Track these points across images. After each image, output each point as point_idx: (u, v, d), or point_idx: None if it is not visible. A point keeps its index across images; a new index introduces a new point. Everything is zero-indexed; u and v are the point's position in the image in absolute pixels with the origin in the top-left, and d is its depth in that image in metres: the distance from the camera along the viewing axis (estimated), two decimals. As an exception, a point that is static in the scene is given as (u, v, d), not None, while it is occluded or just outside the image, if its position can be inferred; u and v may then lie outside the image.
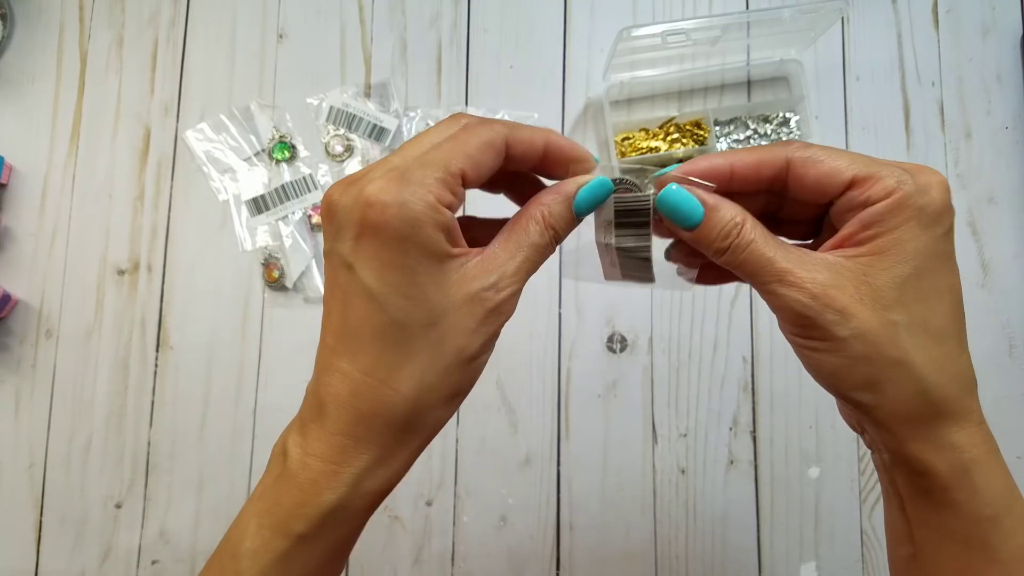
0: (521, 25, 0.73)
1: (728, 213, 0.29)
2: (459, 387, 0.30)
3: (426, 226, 0.27)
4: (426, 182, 0.27)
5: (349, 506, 0.29)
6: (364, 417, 0.29)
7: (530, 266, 0.30)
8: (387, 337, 0.28)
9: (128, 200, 0.71)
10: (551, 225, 0.30)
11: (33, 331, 0.69)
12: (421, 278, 0.28)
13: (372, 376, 0.28)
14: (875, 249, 0.28)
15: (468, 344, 0.29)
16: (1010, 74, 0.71)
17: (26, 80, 0.73)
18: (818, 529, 0.65)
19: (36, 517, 0.67)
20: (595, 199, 0.31)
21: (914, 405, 0.28)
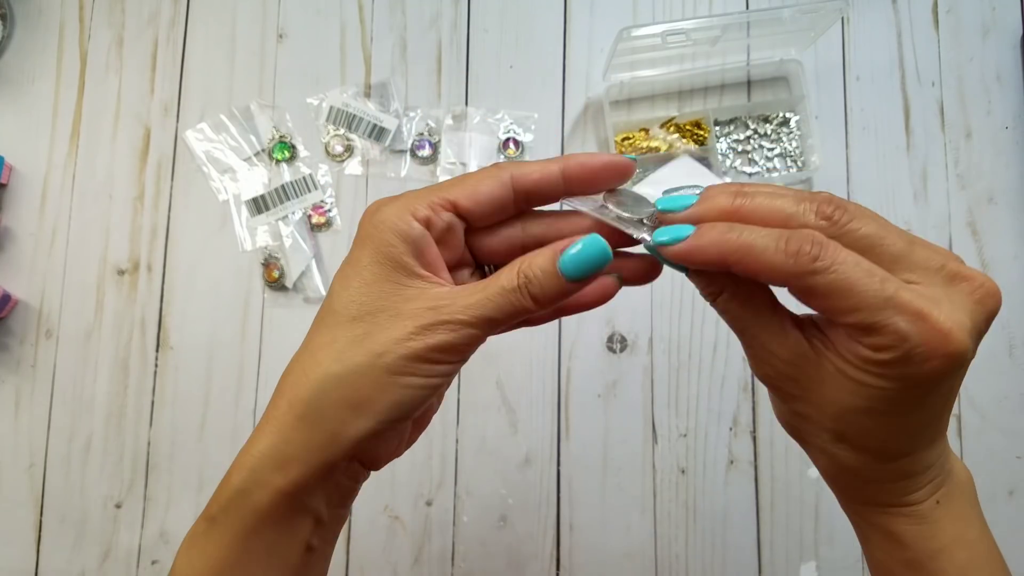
0: (521, 25, 0.73)
1: (706, 281, 0.29)
2: (366, 397, 0.28)
3: (388, 231, 0.28)
4: (409, 200, 0.29)
5: (249, 491, 0.29)
6: (278, 397, 0.29)
7: (492, 309, 0.28)
8: (321, 322, 0.29)
9: (128, 200, 0.71)
10: (523, 272, 0.28)
11: (33, 331, 0.69)
12: (365, 274, 0.28)
13: (298, 360, 0.29)
14: (851, 375, 0.26)
15: (387, 351, 0.27)
16: (1010, 74, 0.71)
17: (26, 80, 0.73)
18: (818, 529, 0.65)
19: (36, 517, 0.67)
20: (587, 263, 0.28)
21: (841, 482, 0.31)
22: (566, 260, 0.28)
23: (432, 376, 0.28)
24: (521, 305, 0.28)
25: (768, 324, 0.28)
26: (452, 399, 0.67)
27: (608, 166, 0.30)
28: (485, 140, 0.71)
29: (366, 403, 0.28)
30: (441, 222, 0.29)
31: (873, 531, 0.31)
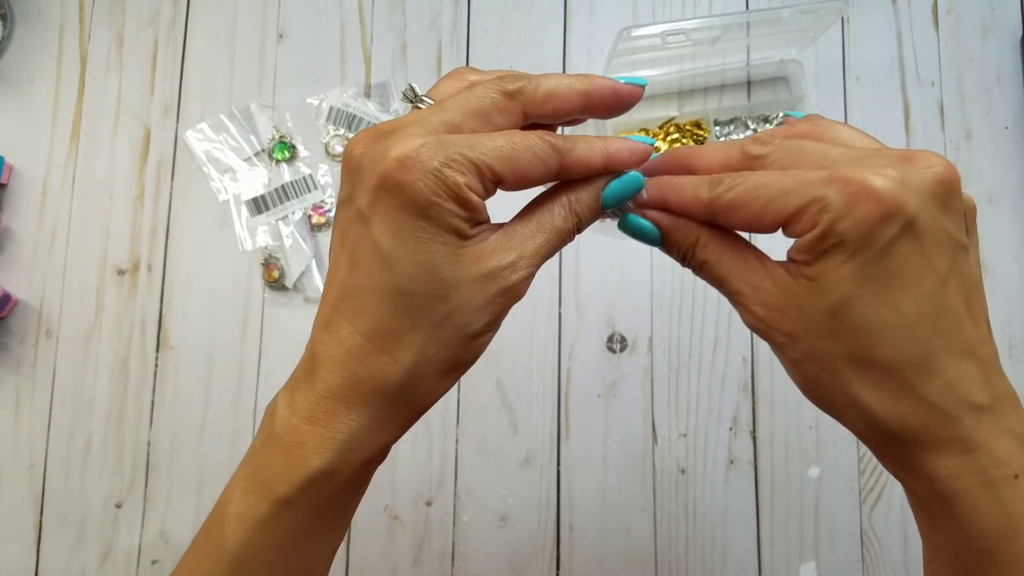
0: (521, 25, 0.73)
1: (681, 234, 0.30)
2: (458, 361, 0.29)
3: (450, 203, 0.26)
4: (464, 162, 0.26)
5: (336, 472, 0.28)
6: (357, 382, 0.28)
7: (549, 249, 0.29)
8: (392, 303, 0.27)
9: (128, 200, 0.71)
10: (576, 212, 0.30)
11: (33, 331, 0.69)
12: (435, 250, 0.26)
13: (371, 341, 0.27)
14: (808, 275, 0.26)
15: (474, 321, 0.28)
16: (1010, 74, 0.71)
17: (26, 80, 0.73)
18: (818, 529, 0.65)
19: (36, 517, 0.67)
20: (625, 194, 0.30)
21: (871, 434, 0.27)
22: (608, 194, 0.30)
23: (501, 321, 0.30)
24: (569, 239, 0.30)
25: (747, 261, 0.29)
26: (452, 399, 0.67)
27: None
28: (485, 140, 0.71)
29: (454, 368, 0.29)
30: (488, 195, 0.28)
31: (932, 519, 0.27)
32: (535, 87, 0.29)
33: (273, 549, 0.29)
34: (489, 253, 0.28)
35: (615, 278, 0.69)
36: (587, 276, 0.69)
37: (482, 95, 0.28)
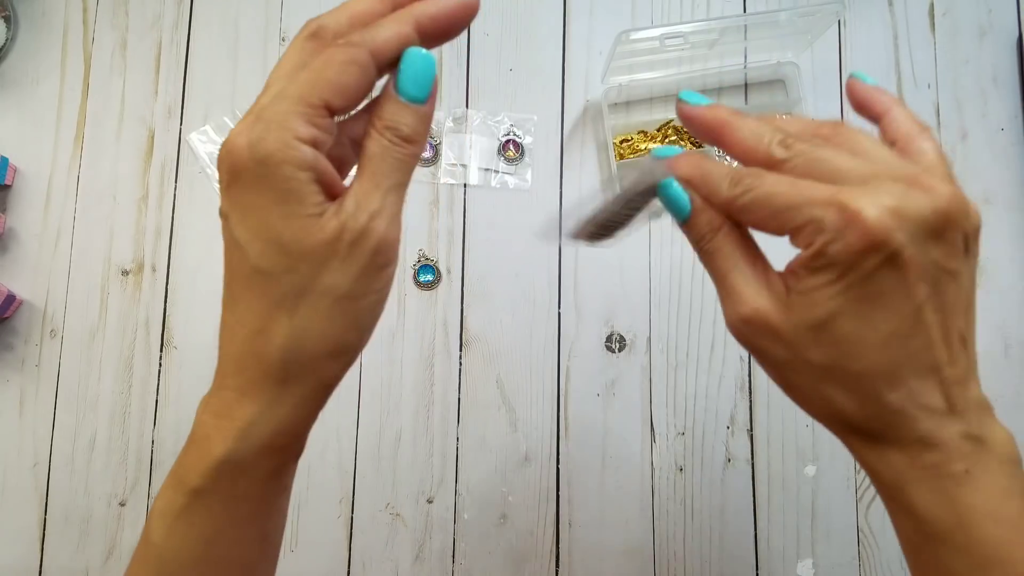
0: (521, 28, 0.73)
1: (706, 218, 0.30)
2: (341, 337, 0.28)
3: (282, 165, 0.26)
4: (282, 119, 0.26)
5: (241, 460, 0.29)
6: (244, 368, 0.28)
7: (388, 183, 0.28)
8: (253, 285, 0.28)
9: (132, 201, 0.71)
10: (386, 127, 0.28)
11: (38, 331, 0.69)
12: (277, 221, 0.26)
13: (245, 326, 0.28)
14: (800, 289, 0.28)
15: (337, 283, 0.27)
16: (1006, 76, 0.72)
17: (30, 82, 0.73)
18: (815, 526, 0.66)
19: (40, 515, 0.67)
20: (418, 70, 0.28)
21: (840, 429, 0.29)
22: (402, 85, 0.28)
23: (376, 282, 0.29)
24: (407, 153, 0.28)
25: (754, 264, 0.30)
26: (452, 398, 0.68)
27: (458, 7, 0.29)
28: (485, 142, 0.71)
29: (342, 346, 0.29)
30: (325, 136, 0.27)
31: (892, 504, 0.30)
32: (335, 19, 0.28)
33: (194, 541, 0.29)
34: (332, 213, 0.27)
35: (614, 278, 0.69)
36: (586, 276, 0.69)
37: (288, 54, 0.28)
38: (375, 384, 0.68)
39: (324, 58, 0.27)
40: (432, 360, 0.68)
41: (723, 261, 0.30)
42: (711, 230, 0.30)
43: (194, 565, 0.30)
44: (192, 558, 0.30)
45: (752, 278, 0.29)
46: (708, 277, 0.31)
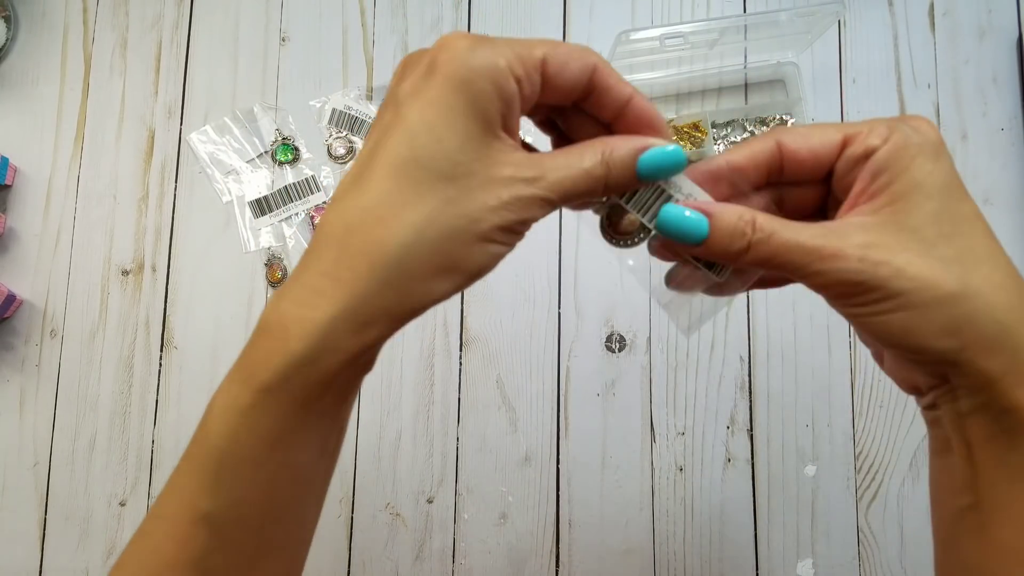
0: (521, 28, 0.73)
1: (734, 213, 0.28)
2: (456, 262, 0.26)
3: (487, 81, 0.26)
4: (503, 48, 0.26)
5: (318, 360, 0.26)
6: (349, 256, 0.26)
7: (571, 187, 0.27)
8: (402, 173, 0.26)
9: (132, 201, 0.71)
10: (608, 162, 0.28)
11: (38, 331, 0.69)
12: (459, 128, 0.26)
13: (372, 212, 0.26)
14: (896, 194, 0.27)
15: (482, 218, 0.26)
16: (1006, 76, 0.72)
17: (30, 82, 0.73)
18: (814, 526, 0.66)
19: (41, 515, 0.67)
20: (663, 166, 0.28)
21: (995, 335, 0.26)
22: (646, 157, 0.28)
23: (511, 244, 0.28)
24: (595, 189, 0.28)
25: (811, 225, 0.28)
26: (452, 398, 0.68)
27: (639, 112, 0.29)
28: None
29: (454, 267, 0.27)
30: (531, 86, 0.27)
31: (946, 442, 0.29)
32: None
33: (257, 442, 0.27)
34: (511, 161, 0.27)
35: (614, 278, 0.69)
36: (586, 276, 0.69)
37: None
38: (375, 384, 0.68)
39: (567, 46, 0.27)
40: (432, 360, 0.68)
41: (784, 237, 0.27)
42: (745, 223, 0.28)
43: (253, 469, 0.27)
44: (252, 460, 0.27)
45: (827, 229, 0.27)
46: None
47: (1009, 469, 0.28)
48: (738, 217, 0.28)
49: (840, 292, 0.27)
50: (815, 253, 0.27)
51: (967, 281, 0.26)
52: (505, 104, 0.26)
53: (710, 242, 0.28)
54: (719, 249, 0.28)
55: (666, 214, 0.28)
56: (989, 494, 0.28)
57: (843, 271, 0.26)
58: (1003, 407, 0.27)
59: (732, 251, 0.28)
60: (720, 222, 0.28)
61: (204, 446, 0.28)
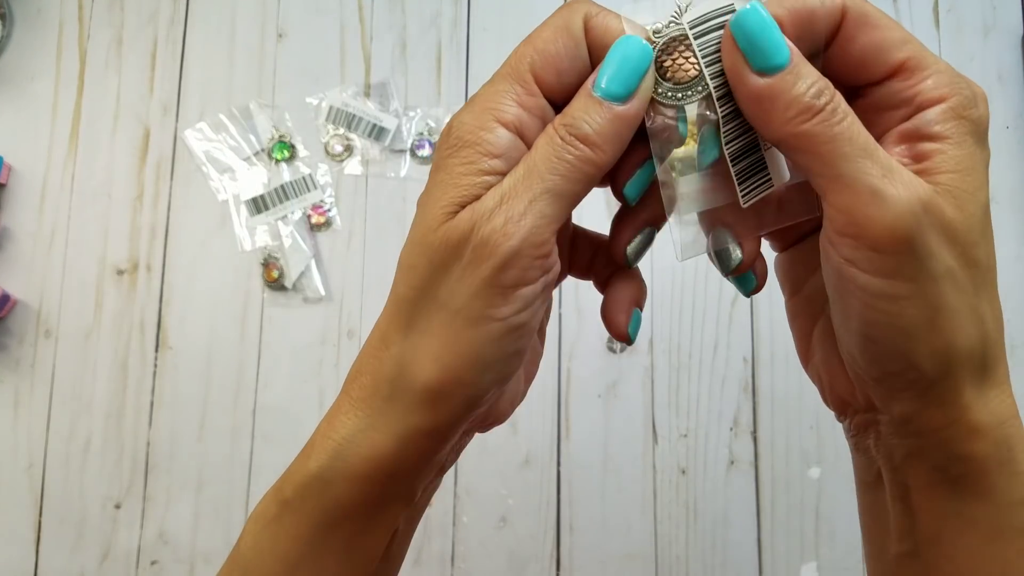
0: (521, 24, 0.73)
1: (812, 67, 0.22)
2: (450, 367, 0.24)
3: (467, 147, 0.23)
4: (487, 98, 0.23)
5: (329, 477, 0.25)
6: (361, 372, 0.26)
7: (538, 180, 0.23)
8: (397, 280, 0.26)
9: (127, 200, 0.71)
10: (562, 123, 0.23)
11: (32, 331, 0.69)
12: (430, 206, 0.24)
13: (378, 326, 0.26)
14: (953, 167, 0.22)
15: (452, 295, 0.23)
16: (1011, 73, 0.71)
17: (25, 79, 0.73)
18: (819, 529, 0.65)
19: (35, 517, 0.67)
20: (622, 68, 0.23)
21: (978, 365, 0.23)
22: (600, 74, 0.23)
23: (513, 306, 0.23)
24: (578, 155, 0.23)
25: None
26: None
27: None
28: (485, 140, 0.71)
29: (449, 379, 0.24)
30: (532, 120, 0.24)
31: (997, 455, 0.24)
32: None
33: (276, 558, 0.26)
34: (470, 208, 0.24)
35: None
36: (587, 276, 0.69)
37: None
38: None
39: (541, 25, 0.24)
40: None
41: (859, 128, 0.22)
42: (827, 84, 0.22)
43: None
44: (272, 574, 0.26)
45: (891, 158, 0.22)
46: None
47: (957, 521, 0.25)
48: (819, 75, 0.22)
49: (876, 239, 0.21)
50: (886, 169, 0.21)
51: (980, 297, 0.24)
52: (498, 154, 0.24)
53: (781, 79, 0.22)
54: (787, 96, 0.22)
55: (747, 16, 0.22)
56: (932, 546, 0.25)
57: (903, 212, 0.21)
58: (953, 454, 0.24)
59: (801, 104, 0.22)
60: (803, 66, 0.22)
61: (236, 552, 0.28)
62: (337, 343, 0.68)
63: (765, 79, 0.22)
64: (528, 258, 0.23)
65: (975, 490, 0.24)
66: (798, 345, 0.32)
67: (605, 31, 0.24)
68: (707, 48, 0.23)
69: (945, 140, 0.22)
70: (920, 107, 0.23)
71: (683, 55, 0.24)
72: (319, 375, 0.68)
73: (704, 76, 0.23)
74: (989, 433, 0.23)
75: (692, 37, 0.23)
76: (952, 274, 0.22)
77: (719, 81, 0.23)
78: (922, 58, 0.23)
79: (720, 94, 0.23)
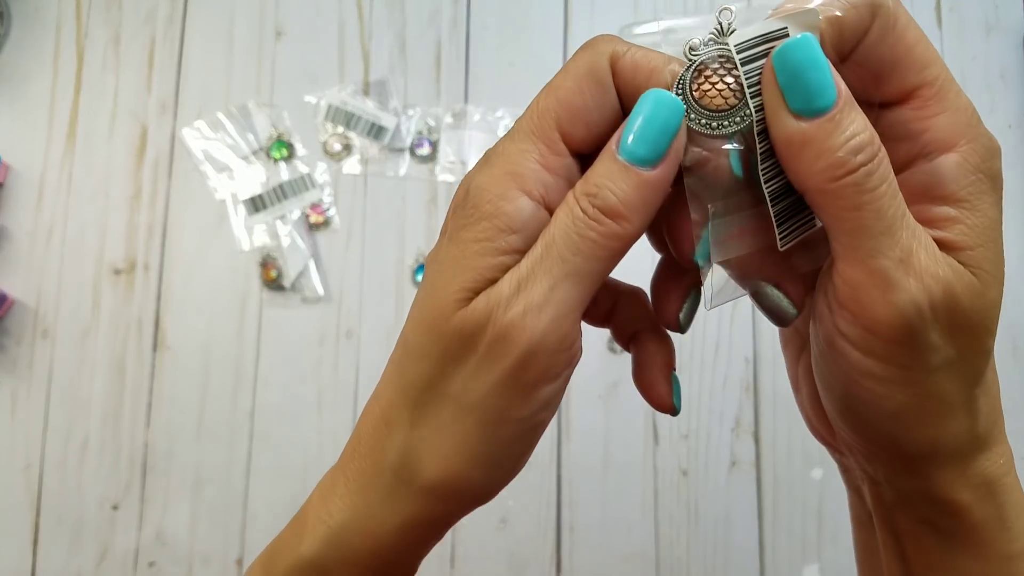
0: (521, 22, 0.72)
1: (862, 117, 0.19)
2: (460, 466, 0.22)
3: (484, 220, 0.21)
4: (506, 159, 0.21)
5: (325, 565, 0.24)
6: (360, 452, 0.24)
7: (560, 263, 0.20)
8: (398, 357, 0.24)
9: (125, 199, 0.70)
10: (584, 191, 0.21)
11: (29, 331, 0.68)
12: (438, 286, 0.22)
13: (379, 403, 0.24)
14: (975, 240, 0.20)
15: (466, 391, 0.21)
16: (1013, 72, 0.71)
17: (22, 78, 0.72)
18: (821, 531, 0.65)
19: (33, 518, 0.66)
20: (652, 129, 0.20)
21: (966, 442, 0.22)
22: (625, 134, 0.21)
23: (534, 405, 0.22)
24: (604, 232, 0.20)
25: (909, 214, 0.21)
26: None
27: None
28: (485, 138, 0.71)
29: (460, 479, 0.23)
30: (559, 182, 0.21)
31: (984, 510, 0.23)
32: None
33: None
34: (485, 295, 0.22)
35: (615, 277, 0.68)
36: (587, 276, 0.68)
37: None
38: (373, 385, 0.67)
39: (563, 70, 0.22)
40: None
41: (892, 203, 0.19)
42: (871, 137, 0.19)
43: None
44: None
45: (917, 227, 0.20)
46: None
47: (951, 574, 0.24)
48: (864, 124, 0.19)
49: (879, 324, 0.20)
50: (905, 254, 0.19)
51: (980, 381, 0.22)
52: (518, 228, 0.21)
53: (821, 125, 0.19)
54: (822, 147, 0.19)
55: (793, 52, 0.19)
56: None
57: (910, 304, 0.20)
58: (940, 510, 0.23)
59: (832, 159, 0.19)
60: (850, 111, 0.19)
61: None
62: (336, 343, 0.68)
63: (801, 123, 0.19)
64: (550, 353, 0.21)
65: (965, 543, 0.23)
66: (789, 372, 0.30)
67: (635, 72, 0.21)
68: (754, 77, 0.21)
69: (963, 204, 0.21)
70: (926, 149, 0.21)
71: (722, 79, 0.21)
72: (317, 375, 0.67)
73: (748, 106, 0.20)
74: (977, 494, 0.22)
75: (740, 63, 0.21)
76: (951, 365, 0.21)
77: (763, 115, 0.20)
78: (942, 87, 0.21)
79: (761, 128, 0.21)
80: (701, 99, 0.21)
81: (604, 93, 0.21)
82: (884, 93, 0.21)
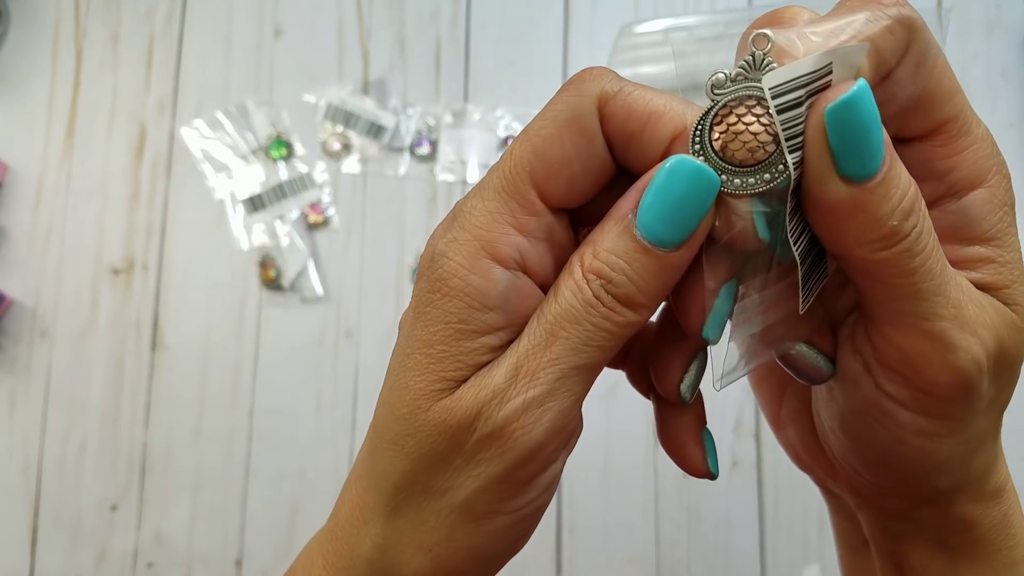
0: (521, 21, 0.72)
1: (905, 172, 0.17)
2: (446, 564, 0.20)
3: (453, 296, 0.18)
4: (476, 223, 0.18)
5: None
6: (336, 539, 0.22)
7: (568, 354, 0.18)
8: (370, 438, 0.22)
9: (123, 198, 0.70)
10: (594, 272, 0.18)
11: (27, 331, 0.68)
12: (410, 369, 0.19)
13: (357, 485, 0.22)
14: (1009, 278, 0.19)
15: (453, 488, 0.19)
16: (1015, 71, 0.71)
17: (20, 77, 0.72)
18: (822, 532, 0.65)
19: (31, 519, 0.66)
20: (678, 204, 0.17)
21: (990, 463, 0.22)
22: (644, 209, 0.17)
23: (532, 497, 0.20)
24: (617, 322, 0.18)
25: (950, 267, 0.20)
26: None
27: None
28: (485, 138, 0.70)
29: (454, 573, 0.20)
30: (537, 244, 0.19)
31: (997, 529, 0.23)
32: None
33: None
34: (473, 384, 0.19)
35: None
36: (588, 275, 0.68)
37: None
38: (373, 385, 0.67)
39: (542, 113, 0.18)
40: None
41: (936, 267, 0.18)
42: (916, 199, 0.17)
43: None
44: None
45: (964, 279, 0.19)
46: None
47: None
48: (910, 183, 0.17)
49: (933, 384, 0.19)
50: (955, 311, 0.18)
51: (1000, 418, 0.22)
52: (494, 305, 0.19)
53: (868, 191, 0.16)
54: (869, 211, 0.17)
55: (855, 108, 0.16)
56: None
57: (969, 361, 0.18)
58: (952, 531, 0.22)
59: (886, 229, 0.17)
60: (898, 172, 0.17)
61: None
62: (335, 343, 0.67)
63: (849, 188, 0.17)
64: (553, 448, 0.19)
65: (971, 555, 0.22)
66: (765, 409, 0.28)
67: (627, 118, 0.18)
68: (792, 128, 0.17)
69: (993, 243, 0.19)
70: (954, 188, 0.19)
71: (748, 127, 0.17)
72: (317, 376, 0.67)
73: (786, 164, 0.17)
74: (987, 506, 0.22)
75: (775, 111, 0.16)
76: (991, 403, 0.20)
77: (799, 171, 0.17)
78: (966, 119, 0.19)
79: (796, 186, 0.17)
80: (722, 150, 0.17)
81: (589, 143, 0.18)
82: (909, 129, 0.19)
